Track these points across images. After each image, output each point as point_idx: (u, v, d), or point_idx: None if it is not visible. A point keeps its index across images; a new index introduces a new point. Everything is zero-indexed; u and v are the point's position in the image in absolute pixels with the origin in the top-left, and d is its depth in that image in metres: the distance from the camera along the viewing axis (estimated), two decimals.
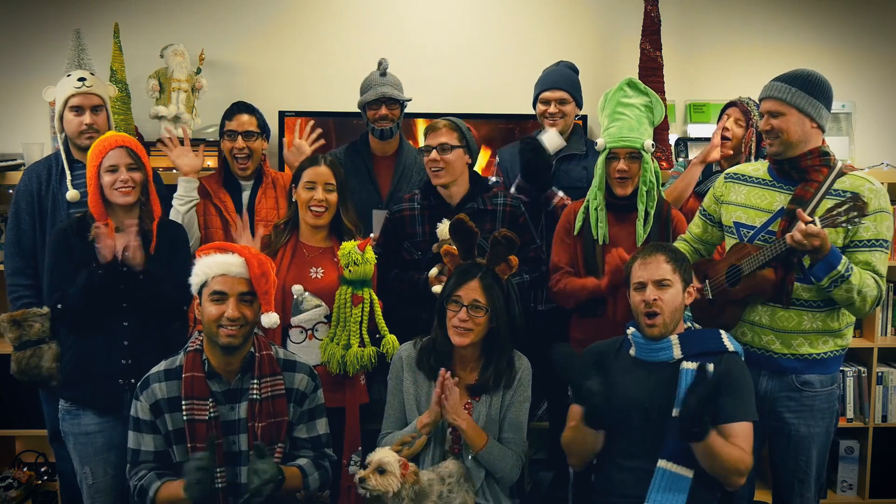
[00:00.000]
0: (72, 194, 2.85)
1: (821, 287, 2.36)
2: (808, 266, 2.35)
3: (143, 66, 3.55)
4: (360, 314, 2.65)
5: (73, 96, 2.86)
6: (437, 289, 2.74)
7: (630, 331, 2.38)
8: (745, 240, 2.53)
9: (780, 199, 2.49)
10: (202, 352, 2.33)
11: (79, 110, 2.87)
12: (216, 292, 2.29)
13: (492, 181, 3.19)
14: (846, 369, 3.51)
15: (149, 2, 3.76)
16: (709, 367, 2.19)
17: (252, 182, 3.09)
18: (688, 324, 2.42)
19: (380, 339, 2.69)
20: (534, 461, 3.36)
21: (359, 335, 2.65)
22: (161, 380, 2.30)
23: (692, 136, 3.81)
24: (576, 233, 2.88)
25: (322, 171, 2.73)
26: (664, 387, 2.26)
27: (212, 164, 3.33)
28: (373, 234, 2.97)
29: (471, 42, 3.86)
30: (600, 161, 2.84)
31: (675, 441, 2.21)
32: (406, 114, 3.42)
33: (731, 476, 2.18)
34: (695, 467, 2.20)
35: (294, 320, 2.68)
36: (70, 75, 2.92)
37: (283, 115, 3.64)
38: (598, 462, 2.39)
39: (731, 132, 3.15)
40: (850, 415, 3.54)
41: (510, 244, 2.50)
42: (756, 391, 2.38)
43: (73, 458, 2.65)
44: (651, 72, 3.59)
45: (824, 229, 2.27)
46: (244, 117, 3.05)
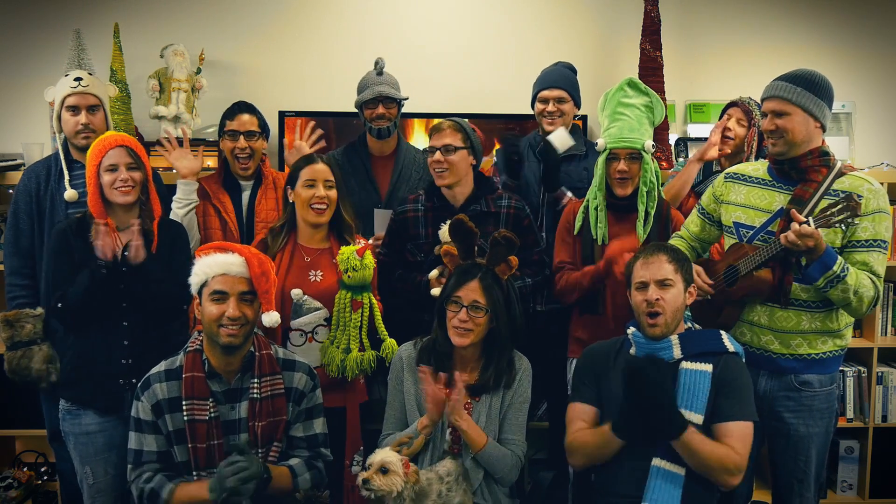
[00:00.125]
0: (70, 194, 2.85)
1: (817, 287, 2.36)
2: (804, 266, 2.35)
3: (143, 66, 3.55)
4: (360, 319, 2.64)
5: (69, 96, 2.87)
6: (436, 291, 2.73)
7: (630, 331, 2.37)
8: (745, 240, 2.53)
9: (779, 199, 2.49)
10: (202, 352, 2.33)
11: (75, 110, 2.87)
12: (216, 292, 2.29)
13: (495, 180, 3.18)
14: (846, 369, 3.52)
15: (149, 2, 3.76)
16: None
17: (252, 182, 3.10)
18: (688, 324, 2.42)
19: (380, 342, 2.69)
20: (534, 461, 3.36)
21: (358, 340, 2.65)
22: (162, 380, 2.30)
23: (692, 136, 3.81)
24: (576, 232, 2.88)
25: (321, 169, 2.73)
26: None
27: (212, 164, 3.33)
28: (373, 238, 2.97)
29: (471, 42, 3.86)
30: (600, 161, 2.84)
31: None
32: (406, 114, 3.42)
33: (719, 474, 2.17)
34: (686, 465, 2.20)
35: (294, 323, 2.68)
36: (68, 75, 2.92)
37: (283, 115, 3.64)
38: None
39: (732, 132, 3.15)
40: (850, 415, 3.55)
41: (510, 244, 2.49)
42: (755, 391, 2.38)
43: (74, 457, 2.65)
44: (651, 72, 3.59)
45: (819, 230, 2.27)
46: (245, 117, 3.05)
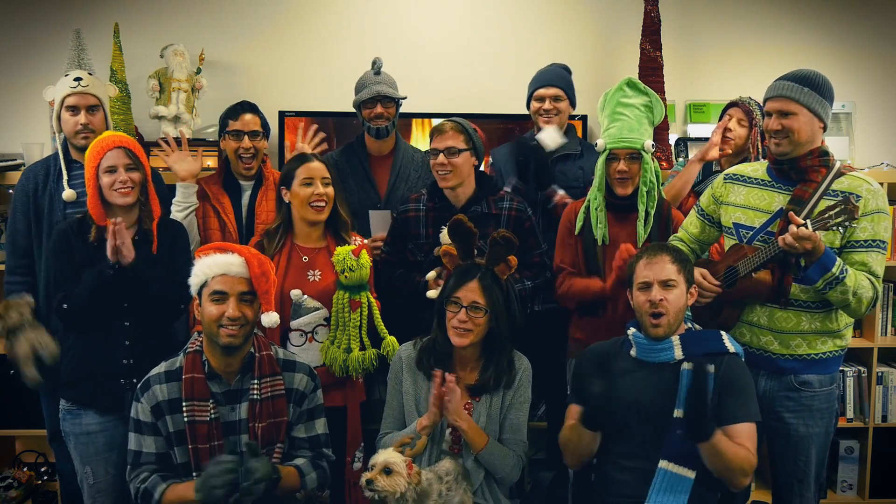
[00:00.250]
0: (68, 194, 2.85)
1: (816, 289, 2.35)
2: (803, 268, 2.35)
3: (143, 66, 3.55)
4: (359, 318, 2.65)
5: (68, 96, 2.86)
6: (431, 293, 2.74)
7: (631, 331, 2.37)
8: (745, 241, 2.53)
9: (779, 200, 2.49)
10: (202, 353, 2.33)
11: (74, 110, 2.87)
12: (216, 292, 2.29)
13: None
14: (846, 369, 3.51)
15: (149, 2, 3.76)
16: (709, 368, 2.18)
17: (253, 183, 3.09)
18: (688, 324, 2.42)
19: (380, 340, 2.69)
20: (534, 461, 3.35)
21: (359, 339, 2.65)
22: (162, 381, 2.30)
23: (692, 136, 3.80)
24: (577, 233, 2.88)
25: (317, 167, 2.73)
26: (665, 387, 2.25)
27: (212, 164, 3.33)
28: (370, 240, 2.97)
29: (471, 42, 3.86)
30: (600, 162, 2.83)
31: (675, 441, 2.20)
32: (406, 114, 3.41)
33: (738, 476, 2.17)
34: (696, 468, 2.20)
35: (293, 324, 2.68)
36: (68, 75, 2.92)
37: (283, 115, 3.64)
38: (598, 462, 2.38)
39: (733, 132, 3.15)
40: (850, 415, 3.55)
41: (509, 244, 2.49)
42: (755, 391, 2.37)
43: (74, 457, 2.65)
44: (651, 72, 3.59)
45: (817, 232, 2.26)
46: (248, 117, 3.05)
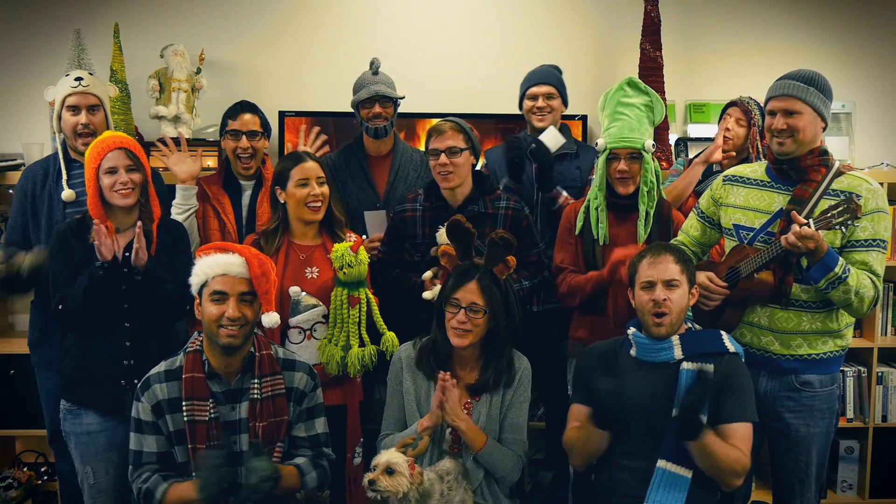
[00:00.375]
0: (67, 194, 2.85)
1: (818, 289, 2.35)
2: (805, 268, 2.35)
3: (143, 66, 3.55)
4: (358, 315, 2.65)
5: (69, 96, 2.86)
6: (427, 295, 2.74)
7: (631, 331, 2.37)
8: (745, 242, 2.53)
9: (778, 200, 2.48)
10: (202, 352, 2.33)
11: (75, 110, 2.87)
12: (216, 292, 2.29)
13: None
14: (846, 369, 3.51)
15: (149, 2, 3.76)
16: (707, 368, 2.18)
17: (253, 183, 3.09)
18: (688, 324, 2.42)
19: (379, 336, 2.69)
20: (534, 461, 3.35)
21: (358, 336, 2.66)
22: (162, 381, 2.30)
23: (692, 136, 3.81)
24: (577, 233, 2.88)
25: (311, 167, 2.72)
26: (665, 387, 2.26)
27: (212, 164, 3.33)
28: (365, 237, 2.97)
29: (470, 42, 3.86)
30: (601, 161, 2.83)
31: (674, 441, 2.21)
32: (406, 114, 3.41)
33: (728, 476, 2.18)
34: (694, 467, 2.20)
35: (292, 321, 2.68)
36: (68, 75, 2.92)
37: (283, 115, 3.64)
38: (598, 462, 2.38)
39: (732, 132, 3.15)
40: (850, 415, 3.55)
41: (507, 245, 2.49)
42: (756, 392, 2.38)
43: (75, 458, 2.64)
44: (651, 72, 3.59)
45: (819, 231, 2.26)
46: (247, 116, 3.05)
